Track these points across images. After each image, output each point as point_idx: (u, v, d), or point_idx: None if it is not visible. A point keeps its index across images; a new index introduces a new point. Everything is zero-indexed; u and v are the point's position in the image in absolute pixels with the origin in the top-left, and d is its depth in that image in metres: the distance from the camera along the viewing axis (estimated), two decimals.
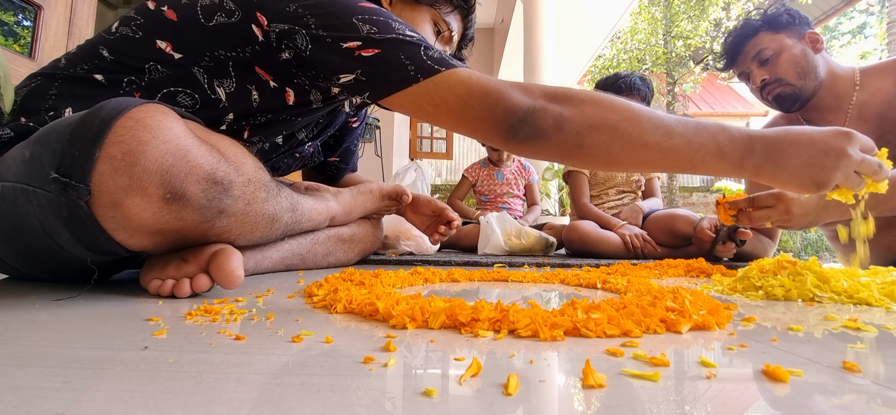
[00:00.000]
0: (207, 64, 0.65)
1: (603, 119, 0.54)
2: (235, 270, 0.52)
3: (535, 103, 0.55)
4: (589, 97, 0.56)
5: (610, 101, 0.56)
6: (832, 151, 0.55)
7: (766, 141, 0.55)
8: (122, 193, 0.45)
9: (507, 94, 0.56)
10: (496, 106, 0.56)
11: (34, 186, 0.47)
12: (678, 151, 0.54)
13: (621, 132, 0.54)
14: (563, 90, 0.57)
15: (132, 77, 0.64)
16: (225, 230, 0.54)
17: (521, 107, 0.55)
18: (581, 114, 0.55)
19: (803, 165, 0.55)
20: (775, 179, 0.56)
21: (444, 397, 0.23)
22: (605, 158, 0.56)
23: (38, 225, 0.50)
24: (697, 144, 0.54)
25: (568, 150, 0.56)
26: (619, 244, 1.49)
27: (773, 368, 0.26)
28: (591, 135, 0.54)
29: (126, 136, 0.44)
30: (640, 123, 0.54)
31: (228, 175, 0.51)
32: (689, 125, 0.55)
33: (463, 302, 0.41)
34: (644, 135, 0.54)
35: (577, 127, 0.54)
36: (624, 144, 0.54)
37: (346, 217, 0.93)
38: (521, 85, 0.57)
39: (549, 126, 0.55)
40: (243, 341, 0.33)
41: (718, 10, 7.50)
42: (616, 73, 1.73)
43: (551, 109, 0.55)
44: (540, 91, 0.57)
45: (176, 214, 0.48)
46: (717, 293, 0.63)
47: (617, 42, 7.99)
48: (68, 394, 0.22)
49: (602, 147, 0.54)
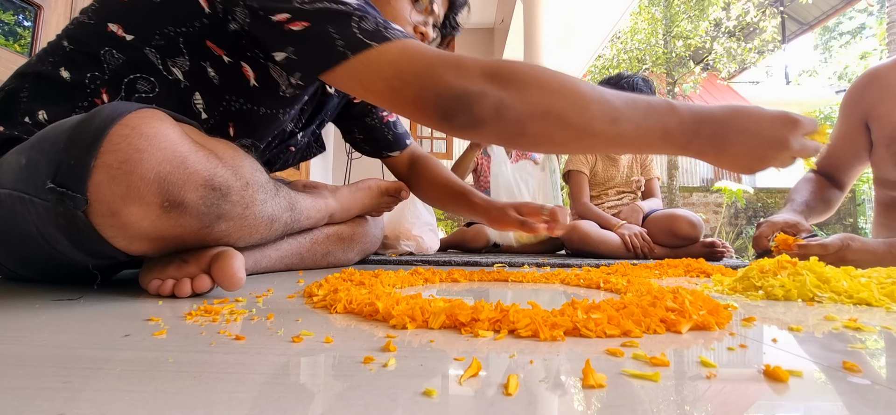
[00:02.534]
0: (158, 43, 0.62)
1: (548, 106, 0.50)
2: (237, 271, 0.52)
3: (472, 87, 0.50)
4: (534, 78, 0.51)
5: (558, 84, 0.51)
6: (775, 141, 0.54)
7: (714, 124, 0.54)
8: (120, 201, 0.44)
9: (440, 75, 0.51)
10: (426, 89, 0.51)
11: (31, 195, 0.47)
12: (624, 137, 0.51)
13: (567, 121, 0.50)
14: (507, 68, 0.51)
15: (94, 72, 0.62)
16: (224, 234, 0.54)
17: (455, 91, 0.50)
18: (523, 100, 0.50)
19: (743, 154, 0.54)
20: (715, 162, 0.55)
21: (444, 397, 0.23)
22: (547, 145, 0.53)
23: (36, 232, 0.50)
24: (645, 129, 0.52)
25: (508, 137, 0.52)
26: (619, 244, 1.49)
27: (773, 368, 0.26)
28: (534, 123, 0.50)
29: (122, 144, 0.44)
30: (588, 110, 0.50)
31: (226, 180, 0.51)
32: (638, 108, 0.52)
33: (463, 302, 0.41)
34: (591, 123, 0.50)
35: (518, 115, 0.50)
36: (569, 133, 0.51)
37: (344, 214, 0.93)
38: (458, 62, 0.52)
39: (488, 114, 0.50)
40: (243, 341, 0.33)
41: (718, 10, 7.51)
42: (618, 74, 1.73)
43: (490, 95, 0.50)
44: (479, 70, 0.51)
45: (175, 221, 0.48)
46: (717, 293, 0.63)
47: (617, 42, 7.98)
48: (68, 394, 0.22)
49: (545, 135, 0.51)
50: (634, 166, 1.79)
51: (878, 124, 1.03)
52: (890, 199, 1.06)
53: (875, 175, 1.10)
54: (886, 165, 1.02)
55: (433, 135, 4.92)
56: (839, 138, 1.13)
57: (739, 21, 7.71)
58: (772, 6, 8.12)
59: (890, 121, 1.01)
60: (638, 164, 1.80)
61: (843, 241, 0.85)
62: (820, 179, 1.15)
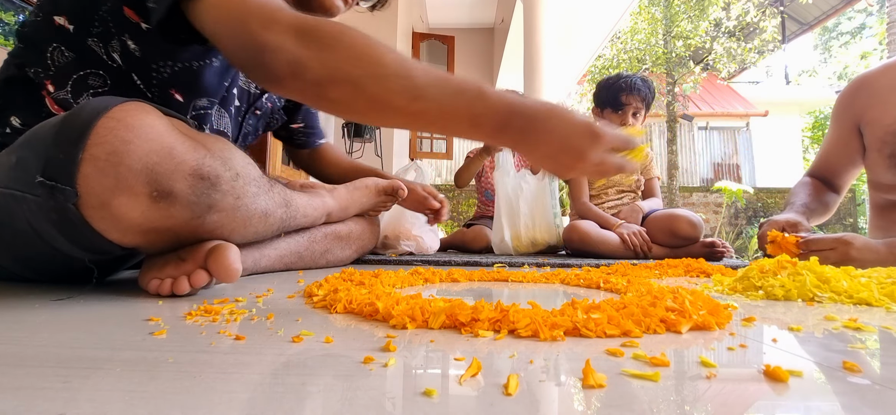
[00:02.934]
0: (98, 30, 0.62)
1: (345, 73, 0.48)
2: (233, 263, 0.52)
3: (270, 40, 0.48)
4: (339, 41, 0.49)
5: (361, 51, 0.49)
6: (573, 150, 0.53)
7: (524, 119, 0.52)
8: (109, 193, 0.45)
9: (247, 23, 0.49)
10: (234, 37, 0.50)
11: (22, 192, 0.47)
12: (427, 115, 0.50)
13: (363, 89, 0.48)
14: (315, 26, 0.49)
15: (38, 69, 0.62)
16: (217, 226, 0.54)
17: (255, 42, 0.49)
18: (322, 62, 0.48)
19: (548, 155, 0.53)
20: (527, 156, 0.54)
21: (444, 397, 0.23)
22: (347, 112, 0.51)
23: (30, 229, 0.50)
24: (451, 109, 0.50)
25: (308, 98, 0.51)
26: (619, 244, 1.49)
27: (773, 368, 0.26)
28: (332, 87, 0.48)
29: (108, 136, 0.44)
30: (386, 81, 0.49)
31: (215, 170, 0.51)
32: (446, 89, 0.50)
33: (463, 302, 0.41)
34: (389, 95, 0.49)
35: (316, 76, 0.48)
36: (366, 103, 0.49)
37: (342, 213, 0.93)
38: (269, 13, 0.50)
39: (284, 70, 0.48)
40: (243, 340, 0.33)
41: (718, 10, 7.50)
42: (618, 74, 1.73)
43: (287, 51, 0.48)
44: (288, 23, 0.49)
45: (165, 211, 0.48)
46: (717, 293, 0.63)
47: (617, 42, 7.97)
48: (68, 394, 0.22)
49: (344, 102, 0.49)
50: None
51: (870, 129, 1.04)
52: (884, 201, 1.06)
53: (869, 178, 1.10)
54: (879, 168, 1.03)
55: (433, 135, 4.91)
56: (833, 143, 1.14)
57: (739, 21, 7.70)
58: (772, 6, 8.11)
59: (881, 125, 1.01)
60: None
61: (843, 238, 0.86)
62: (817, 183, 1.15)
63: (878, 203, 1.09)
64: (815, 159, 1.19)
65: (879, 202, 1.08)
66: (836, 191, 1.16)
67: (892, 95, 1.00)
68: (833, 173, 1.15)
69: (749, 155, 9.45)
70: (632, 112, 1.67)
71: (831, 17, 8.76)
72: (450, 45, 4.94)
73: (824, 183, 1.16)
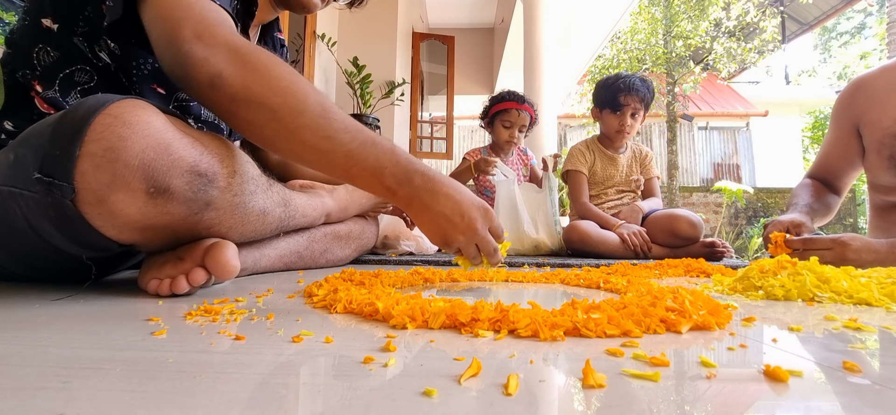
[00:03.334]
0: (83, 30, 0.62)
1: (263, 98, 0.49)
2: (230, 259, 0.52)
3: (198, 50, 0.49)
4: (271, 70, 0.50)
5: (284, 83, 0.51)
6: (466, 216, 0.56)
7: (427, 181, 0.55)
8: (106, 189, 0.45)
9: (181, 28, 0.49)
10: (165, 37, 0.50)
11: (20, 188, 0.48)
12: (333, 157, 0.52)
13: (278, 119, 0.50)
14: (251, 51, 0.50)
15: (26, 71, 0.62)
16: (214, 223, 0.54)
17: (183, 48, 0.49)
18: (243, 82, 0.49)
19: (440, 216, 0.56)
20: (418, 219, 0.57)
21: (444, 397, 0.23)
22: (259, 137, 0.52)
23: (27, 226, 0.50)
24: (357, 157, 0.52)
25: (222, 114, 0.51)
26: (619, 244, 1.49)
27: (773, 368, 0.26)
28: (245, 108, 0.49)
29: (105, 132, 0.44)
30: (301, 117, 0.50)
31: (212, 166, 0.51)
32: (357, 138, 0.53)
33: (463, 302, 0.41)
34: (301, 131, 0.50)
35: (231, 94, 0.49)
36: (277, 132, 0.50)
37: (341, 214, 0.93)
38: (206, 25, 0.50)
39: (203, 81, 0.49)
40: (243, 340, 0.33)
41: (718, 10, 7.50)
42: (617, 74, 1.73)
43: (212, 64, 0.49)
44: (224, 40, 0.50)
45: (162, 207, 0.48)
46: (717, 293, 0.63)
47: (617, 42, 7.96)
48: (68, 394, 0.22)
49: (255, 126, 0.50)
50: (634, 166, 1.79)
51: (869, 131, 1.04)
52: (884, 202, 1.06)
53: (868, 180, 1.10)
54: (879, 170, 1.03)
55: (433, 135, 4.92)
56: (832, 145, 1.14)
57: (739, 21, 7.69)
58: (772, 6, 8.11)
59: (880, 127, 1.01)
60: (637, 163, 1.80)
61: (840, 239, 0.86)
62: (818, 184, 1.15)
63: (878, 204, 1.09)
64: (814, 161, 1.19)
65: (879, 203, 1.08)
66: (836, 192, 1.16)
67: (890, 97, 1.00)
68: (833, 175, 1.15)
69: (749, 155, 9.45)
70: (630, 113, 1.67)
71: (831, 16, 8.76)
72: (450, 45, 4.94)
73: (824, 184, 1.16)
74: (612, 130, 1.71)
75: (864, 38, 12.28)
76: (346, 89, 3.41)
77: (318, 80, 3.18)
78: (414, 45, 4.71)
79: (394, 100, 3.63)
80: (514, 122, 1.88)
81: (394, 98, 3.61)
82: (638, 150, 1.82)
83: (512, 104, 1.88)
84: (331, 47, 3.27)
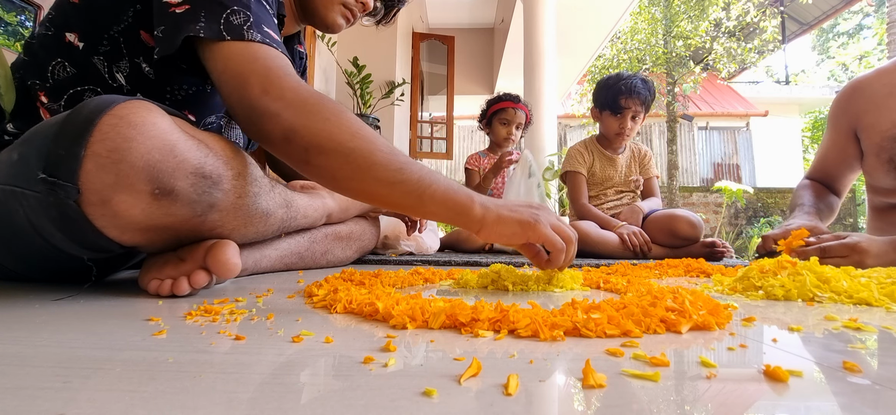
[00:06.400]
0: (105, 49, 0.62)
1: (336, 145, 0.52)
2: (231, 258, 0.52)
3: (270, 106, 0.51)
4: (335, 116, 0.53)
5: (354, 128, 0.53)
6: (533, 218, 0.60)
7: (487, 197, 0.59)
8: (110, 190, 0.45)
9: (249, 86, 0.52)
10: (235, 94, 0.53)
11: (23, 188, 0.47)
12: (407, 187, 0.54)
13: (351, 161, 0.52)
14: (315, 103, 0.53)
15: (36, 80, 0.62)
16: (217, 225, 0.54)
17: (254, 106, 0.52)
18: (315, 132, 0.52)
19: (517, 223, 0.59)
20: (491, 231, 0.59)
21: (444, 397, 0.23)
22: (331, 180, 0.55)
23: (29, 226, 0.50)
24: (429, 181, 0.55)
25: (297, 164, 0.54)
26: (619, 244, 1.49)
27: (773, 368, 0.26)
28: (320, 156, 0.52)
29: (111, 133, 0.44)
30: (373, 156, 0.53)
31: (217, 169, 0.51)
32: (423, 168, 0.56)
33: (463, 302, 0.41)
34: (374, 169, 0.53)
35: (306, 145, 0.52)
36: (351, 173, 0.53)
37: (342, 214, 0.93)
38: (273, 80, 0.52)
39: (278, 137, 0.52)
40: (243, 340, 0.33)
41: (718, 10, 7.50)
42: (617, 74, 1.72)
43: (284, 119, 0.51)
44: (291, 93, 0.52)
45: (166, 209, 0.48)
46: (717, 293, 0.63)
47: (617, 42, 7.96)
48: (68, 394, 0.22)
49: (329, 170, 0.53)
50: (633, 166, 1.79)
51: (867, 134, 1.04)
52: (883, 204, 1.06)
53: (867, 182, 1.10)
54: (877, 172, 1.03)
55: (433, 135, 4.91)
56: (830, 148, 1.13)
57: (739, 21, 7.70)
58: (772, 6, 8.11)
59: (878, 130, 1.01)
60: (636, 163, 1.80)
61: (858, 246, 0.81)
62: (818, 186, 1.15)
63: (877, 206, 1.09)
64: (812, 163, 1.19)
65: (878, 205, 1.08)
66: (836, 193, 1.16)
67: (888, 101, 1.00)
68: (831, 177, 1.15)
69: (749, 155, 9.45)
70: (630, 116, 1.66)
71: (831, 16, 8.76)
72: (450, 45, 4.95)
73: (824, 186, 1.16)
74: (612, 132, 1.71)
75: (863, 39, 12.29)
76: (346, 89, 3.41)
77: (318, 80, 3.18)
78: (414, 45, 4.71)
79: (394, 100, 3.63)
80: (510, 119, 2.03)
81: (394, 98, 3.62)
82: (637, 149, 1.82)
83: (508, 103, 2.03)
84: (331, 47, 3.27)
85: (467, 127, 9.35)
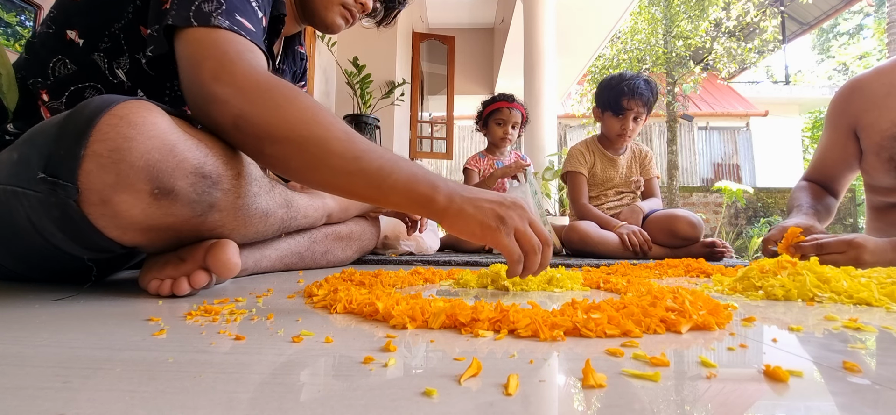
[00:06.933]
0: (106, 46, 0.62)
1: (288, 132, 0.50)
2: (231, 257, 0.52)
3: (219, 92, 0.49)
4: (287, 102, 0.51)
5: (308, 115, 0.51)
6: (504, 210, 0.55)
7: (456, 184, 0.55)
8: (110, 190, 0.45)
9: (202, 72, 0.50)
10: (188, 81, 0.51)
11: (23, 188, 0.47)
12: (365, 176, 0.51)
13: (305, 150, 0.50)
14: (267, 87, 0.51)
15: (38, 79, 0.62)
16: (218, 225, 0.54)
17: (203, 92, 0.50)
18: (266, 119, 0.50)
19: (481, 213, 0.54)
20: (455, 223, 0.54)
21: (444, 397, 0.23)
22: (285, 170, 0.53)
23: (30, 226, 0.50)
24: (390, 169, 0.52)
25: (250, 152, 0.52)
26: (619, 245, 1.49)
27: (773, 368, 0.26)
28: (272, 144, 0.50)
29: (111, 133, 0.44)
30: (328, 144, 0.51)
31: (217, 169, 0.51)
32: (385, 154, 0.53)
33: (463, 302, 0.41)
34: (330, 158, 0.51)
35: (257, 133, 0.50)
36: (306, 162, 0.51)
37: (342, 214, 0.93)
38: (226, 66, 0.50)
39: (227, 124, 0.50)
40: (243, 340, 0.33)
41: (718, 10, 7.50)
42: (620, 74, 1.70)
43: (233, 106, 0.49)
44: (244, 79, 0.50)
45: (166, 209, 0.48)
46: (717, 293, 0.63)
47: (617, 42, 7.96)
48: (68, 394, 0.22)
49: (282, 159, 0.51)
50: (633, 166, 1.79)
51: (866, 133, 1.04)
52: (882, 204, 1.06)
53: (866, 181, 1.10)
54: (877, 172, 1.03)
55: (433, 135, 4.91)
56: (828, 148, 1.13)
57: (739, 21, 7.70)
58: (772, 6, 8.11)
59: (877, 129, 1.01)
60: (637, 164, 1.80)
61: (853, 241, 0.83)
62: (815, 187, 1.15)
63: (876, 205, 1.09)
64: (810, 164, 1.19)
65: (877, 204, 1.08)
66: (833, 194, 1.16)
67: (887, 100, 1.00)
68: (830, 177, 1.15)
69: (749, 155, 9.45)
70: (632, 117, 1.65)
71: (831, 16, 8.76)
72: (450, 45, 4.94)
73: (821, 187, 1.15)
74: (614, 132, 1.70)
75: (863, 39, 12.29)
76: (346, 89, 3.41)
77: (318, 80, 3.19)
78: (414, 45, 4.71)
79: (394, 100, 3.63)
80: (506, 119, 2.05)
81: (394, 98, 3.62)
82: (638, 150, 1.81)
83: (502, 104, 2.05)
84: (331, 47, 3.27)
85: (467, 127, 9.34)
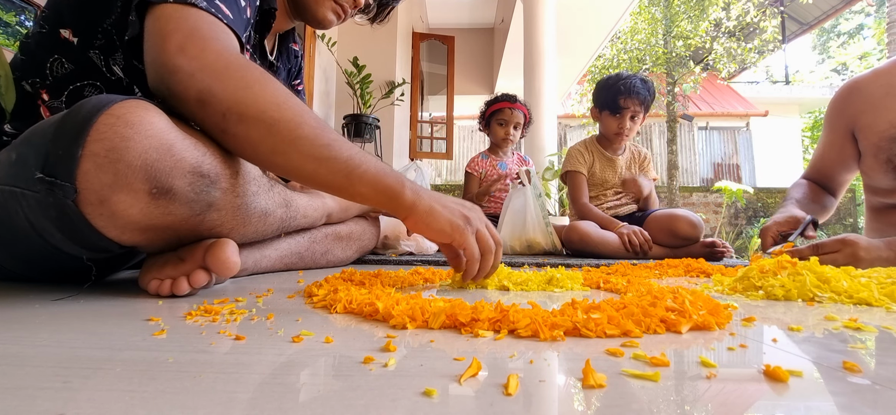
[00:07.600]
0: (100, 43, 0.62)
1: (258, 112, 0.49)
2: (230, 256, 0.52)
3: (184, 65, 0.48)
4: (258, 83, 0.50)
5: (279, 98, 0.50)
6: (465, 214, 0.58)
7: (420, 187, 0.57)
8: (108, 190, 0.45)
9: (167, 45, 0.48)
10: (153, 53, 0.50)
11: (21, 188, 0.48)
12: (334, 164, 0.51)
13: (274, 132, 0.49)
14: (238, 67, 0.50)
15: (36, 79, 0.62)
16: (216, 224, 0.54)
17: (167, 64, 0.48)
18: (235, 97, 0.48)
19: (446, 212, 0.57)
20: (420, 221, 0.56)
21: (444, 397, 0.23)
22: (252, 153, 0.51)
23: (29, 226, 0.50)
24: (358, 161, 0.52)
25: (212, 131, 0.51)
26: (619, 245, 1.49)
27: (773, 368, 0.26)
28: (238, 123, 0.49)
29: (108, 132, 0.44)
30: (299, 129, 0.50)
31: (215, 168, 0.51)
32: (354, 147, 0.53)
33: (463, 302, 0.41)
34: (300, 142, 0.50)
35: (223, 110, 0.48)
36: (274, 146, 0.50)
37: (342, 214, 0.93)
38: (194, 41, 0.49)
39: (191, 98, 0.48)
40: (243, 340, 0.33)
41: (718, 10, 7.49)
42: (617, 74, 1.72)
43: (198, 80, 0.48)
44: (214, 56, 0.49)
45: (164, 208, 0.48)
46: (717, 293, 0.63)
47: (617, 42, 7.96)
48: (68, 394, 0.22)
49: (250, 141, 0.50)
50: (632, 167, 1.79)
51: (864, 134, 1.04)
52: (881, 204, 1.06)
53: (865, 182, 1.10)
54: (875, 173, 1.03)
55: (433, 135, 4.91)
56: (827, 148, 1.13)
57: (739, 21, 7.69)
58: (772, 6, 8.10)
59: (876, 130, 1.01)
60: (636, 165, 1.80)
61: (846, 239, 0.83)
62: (813, 185, 1.15)
63: (874, 206, 1.09)
64: (809, 163, 1.19)
65: (875, 205, 1.08)
66: (832, 194, 1.16)
67: (885, 101, 1.00)
68: (828, 178, 1.15)
69: (749, 155, 9.45)
70: (629, 116, 1.66)
71: (831, 17, 8.76)
72: (450, 46, 4.94)
73: (820, 186, 1.16)
74: (611, 131, 1.71)
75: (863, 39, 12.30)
76: (346, 89, 3.41)
77: (318, 80, 3.18)
78: (414, 45, 4.70)
79: (394, 100, 3.63)
80: (508, 120, 2.06)
81: (394, 98, 3.61)
82: (636, 151, 1.82)
83: (505, 104, 2.06)
84: (331, 47, 3.27)
85: (467, 127, 9.35)
